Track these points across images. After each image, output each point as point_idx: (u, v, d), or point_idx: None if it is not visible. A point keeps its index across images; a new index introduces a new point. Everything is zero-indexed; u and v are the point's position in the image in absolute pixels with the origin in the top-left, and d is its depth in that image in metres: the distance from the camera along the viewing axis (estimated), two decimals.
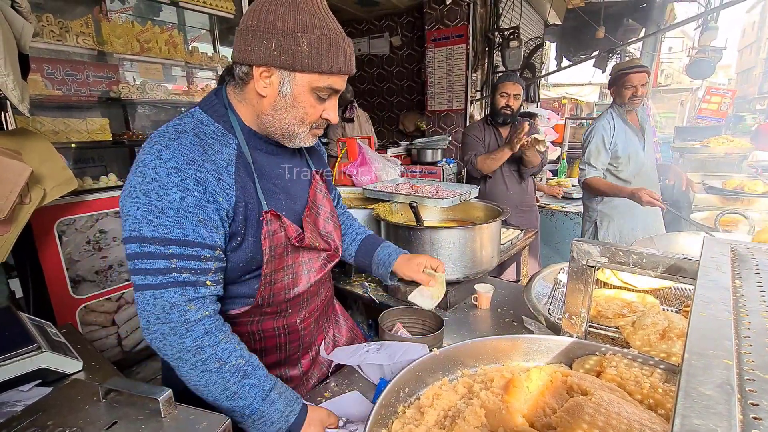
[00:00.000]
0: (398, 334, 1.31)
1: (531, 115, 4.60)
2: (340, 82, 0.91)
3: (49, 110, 2.47)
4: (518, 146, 2.45)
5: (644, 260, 0.87)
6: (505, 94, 2.67)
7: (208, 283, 0.83)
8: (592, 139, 2.56)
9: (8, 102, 1.72)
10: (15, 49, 1.47)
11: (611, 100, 2.66)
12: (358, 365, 1.14)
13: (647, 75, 2.45)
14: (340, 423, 0.93)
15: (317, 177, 1.11)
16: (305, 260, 1.03)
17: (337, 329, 1.33)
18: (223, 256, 0.88)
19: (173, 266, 0.79)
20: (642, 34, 5.00)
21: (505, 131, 2.80)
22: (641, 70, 2.42)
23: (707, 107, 6.83)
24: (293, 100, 0.89)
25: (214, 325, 0.83)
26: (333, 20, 0.90)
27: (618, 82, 2.49)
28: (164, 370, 1.08)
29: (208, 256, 0.83)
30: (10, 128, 2.01)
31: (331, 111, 0.94)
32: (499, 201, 2.58)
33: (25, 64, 1.59)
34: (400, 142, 5.28)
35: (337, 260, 1.12)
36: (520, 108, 2.76)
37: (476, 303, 1.60)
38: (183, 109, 3.20)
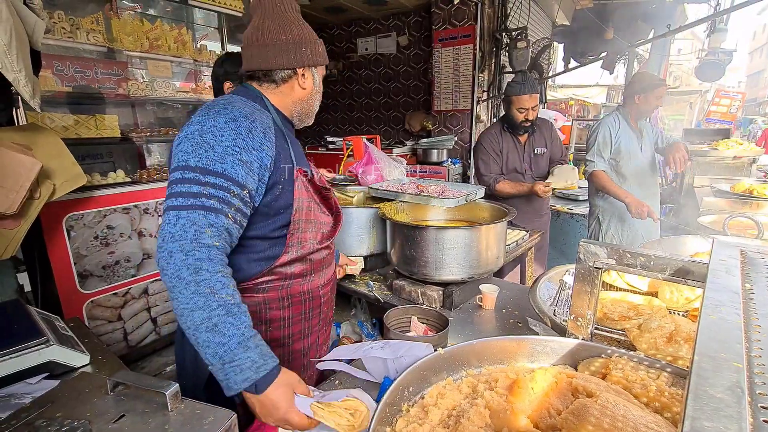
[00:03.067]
0: (412, 326, 1.32)
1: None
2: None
3: (59, 106, 2.50)
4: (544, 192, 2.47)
5: (652, 262, 0.87)
6: (523, 110, 2.52)
7: (229, 216, 0.91)
8: (600, 131, 2.68)
9: (20, 97, 1.74)
10: (27, 45, 1.48)
11: (619, 102, 2.72)
12: (362, 361, 1.15)
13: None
14: (316, 393, 0.90)
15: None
16: (323, 221, 1.20)
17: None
18: (248, 199, 0.97)
19: (204, 192, 0.89)
20: (651, 36, 4.96)
21: (522, 138, 2.69)
22: (665, 85, 2.68)
23: (716, 110, 6.77)
24: (318, 88, 1.20)
25: (218, 257, 0.88)
26: None
27: (649, 92, 2.62)
28: (178, 360, 1.16)
29: (236, 192, 0.93)
30: (21, 123, 2.04)
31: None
32: (517, 205, 2.58)
33: (36, 61, 1.61)
34: (406, 142, 5.27)
35: (339, 227, 1.28)
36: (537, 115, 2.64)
37: (481, 303, 1.60)
38: (191, 106, 3.22)
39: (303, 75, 1.14)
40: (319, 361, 1.20)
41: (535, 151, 2.71)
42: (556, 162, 2.77)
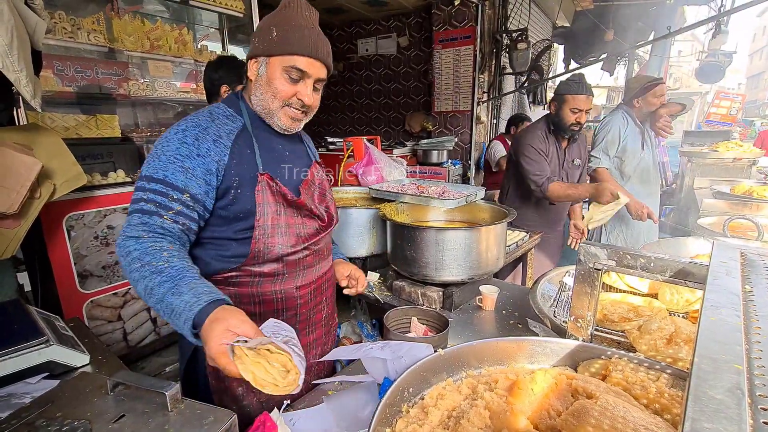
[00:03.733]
0: (412, 327, 1.32)
1: (527, 120, 4.50)
2: (306, 64, 1.06)
3: (60, 106, 2.50)
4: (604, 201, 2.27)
5: (652, 264, 0.87)
6: (576, 110, 2.30)
7: (165, 217, 0.97)
8: (610, 129, 2.67)
9: (20, 97, 1.74)
10: (28, 46, 1.49)
11: (619, 102, 2.75)
12: (361, 362, 1.14)
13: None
14: (278, 339, 0.80)
15: (316, 164, 1.29)
16: (299, 224, 1.16)
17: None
18: (191, 202, 1.00)
19: (144, 197, 0.97)
20: (651, 37, 4.96)
21: (564, 143, 2.49)
22: (664, 82, 2.69)
23: (716, 111, 6.77)
24: (268, 79, 1.08)
25: (148, 242, 0.94)
26: (305, 18, 1.08)
27: (647, 93, 2.66)
28: (181, 364, 1.21)
29: (175, 197, 0.98)
30: (21, 123, 2.04)
31: (304, 95, 1.08)
32: (541, 209, 2.56)
33: (37, 61, 1.61)
34: (406, 143, 5.28)
35: (330, 230, 1.26)
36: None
37: (481, 304, 1.60)
38: (191, 107, 3.22)
39: (252, 65, 1.11)
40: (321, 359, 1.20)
41: (573, 162, 2.52)
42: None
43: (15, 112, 1.98)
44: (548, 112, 2.51)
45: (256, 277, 1.12)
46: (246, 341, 0.76)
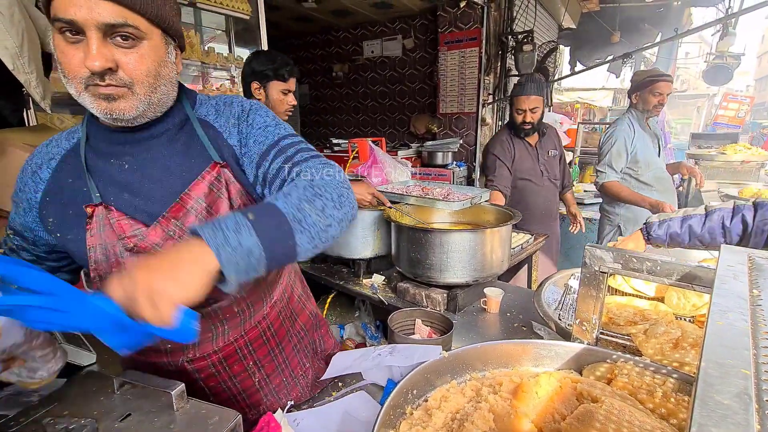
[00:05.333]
0: (416, 329, 1.32)
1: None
2: (63, 7, 0.64)
3: (69, 107, 2.52)
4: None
5: (659, 267, 0.86)
6: (520, 111, 2.51)
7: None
8: (615, 142, 2.56)
9: (30, 98, 1.76)
10: (38, 48, 1.51)
11: (627, 105, 2.69)
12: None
13: (671, 84, 2.52)
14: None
15: (215, 171, 0.84)
16: None
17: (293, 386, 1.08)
18: (18, 240, 0.89)
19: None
20: (658, 39, 4.94)
21: (532, 139, 2.65)
22: (669, 79, 2.49)
23: (724, 114, 6.72)
24: (56, 49, 0.70)
25: None
26: None
27: (644, 89, 2.52)
28: None
29: (11, 233, 0.89)
30: (31, 124, 2.06)
31: (88, 59, 0.67)
32: (530, 205, 2.58)
33: (47, 62, 1.63)
34: (411, 144, 5.28)
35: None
36: (542, 117, 2.60)
37: (485, 307, 1.60)
38: None
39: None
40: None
41: (549, 153, 2.69)
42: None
43: (25, 113, 2.00)
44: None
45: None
46: None
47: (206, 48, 3.13)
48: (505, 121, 4.59)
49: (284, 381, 1.05)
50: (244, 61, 2.13)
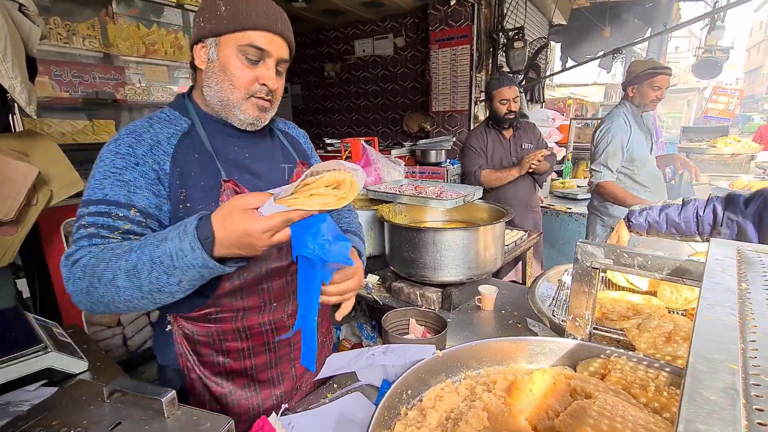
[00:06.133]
0: (410, 329, 1.31)
1: (524, 116, 4.55)
2: (264, 40, 0.91)
3: (56, 112, 2.50)
4: (528, 169, 2.55)
5: (649, 262, 0.87)
6: (505, 101, 2.63)
7: (111, 237, 0.83)
8: (611, 140, 2.40)
9: (16, 104, 1.74)
10: (23, 52, 1.48)
11: (619, 99, 2.62)
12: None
13: (670, 78, 2.44)
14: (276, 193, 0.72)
15: (302, 166, 1.11)
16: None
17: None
18: (141, 218, 0.86)
19: (84, 223, 0.83)
20: (648, 34, 4.97)
21: (507, 133, 2.78)
22: (669, 73, 2.39)
23: (714, 107, 6.78)
24: (221, 65, 0.91)
25: (95, 250, 0.80)
26: None
27: (643, 81, 2.38)
28: (159, 371, 1.09)
29: (121, 215, 0.85)
30: (17, 130, 2.04)
31: (267, 78, 0.93)
32: (507, 200, 2.58)
33: (32, 67, 1.61)
34: (404, 143, 5.27)
35: None
36: (520, 108, 2.76)
37: (480, 304, 1.60)
38: None
39: (198, 51, 0.94)
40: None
41: (522, 146, 2.77)
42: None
43: (11, 119, 1.98)
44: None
45: (239, 312, 0.98)
46: (276, 195, 0.70)
47: None
48: None
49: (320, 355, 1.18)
50: None
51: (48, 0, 2.37)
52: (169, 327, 0.99)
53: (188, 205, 0.91)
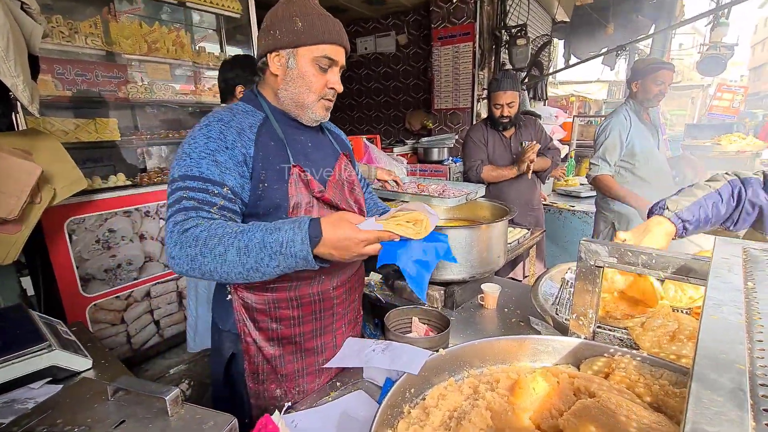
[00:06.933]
0: (413, 327, 1.31)
1: (535, 115, 4.54)
2: (334, 52, 1.08)
3: (59, 110, 2.50)
4: (527, 167, 2.50)
5: (654, 260, 0.86)
6: (498, 106, 2.61)
7: (212, 212, 0.96)
8: (609, 133, 2.46)
9: (19, 103, 1.74)
10: (25, 51, 1.49)
11: (622, 97, 2.64)
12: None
13: (673, 73, 2.44)
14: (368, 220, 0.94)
15: (344, 157, 1.28)
16: None
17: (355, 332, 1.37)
18: (231, 195, 1.00)
19: (184, 195, 0.95)
20: (652, 31, 4.92)
21: (509, 132, 2.74)
22: (671, 68, 2.40)
23: (719, 104, 6.73)
24: (299, 72, 1.07)
25: (206, 224, 0.92)
26: (318, 5, 1.09)
27: (646, 77, 2.40)
28: (215, 367, 1.23)
29: (216, 191, 0.97)
30: (20, 128, 2.04)
31: (335, 83, 1.11)
32: (508, 198, 2.57)
33: (34, 65, 1.61)
34: (407, 141, 5.26)
35: None
36: (519, 110, 2.69)
37: (483, 303, 1.60)
38: (190, 109, 3.22)
39: (275, 59, 1.08)
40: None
41: (523, 143, 2.73)
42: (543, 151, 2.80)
43: (14, 118, 1.98)
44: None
45: (294, 281, 1.11)
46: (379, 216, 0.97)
47: (197, 48, 3.10)
48: None
49: (350, 333, 1.33)
50: (221, 66, 2.13)
51: None
52: (229, 296, 1.13)
53: (266, 184, 1.05)
